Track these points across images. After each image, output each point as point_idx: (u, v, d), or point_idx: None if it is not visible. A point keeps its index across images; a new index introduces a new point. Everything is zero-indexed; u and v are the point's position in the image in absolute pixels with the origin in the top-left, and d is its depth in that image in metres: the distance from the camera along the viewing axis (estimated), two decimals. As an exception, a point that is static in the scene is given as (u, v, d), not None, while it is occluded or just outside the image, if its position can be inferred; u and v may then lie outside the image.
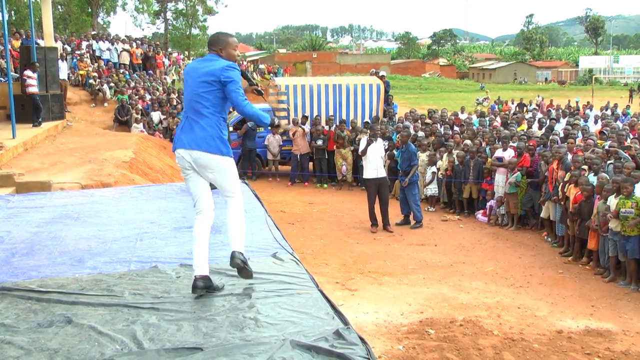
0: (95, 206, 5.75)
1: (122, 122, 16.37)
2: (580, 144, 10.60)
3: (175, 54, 29.91)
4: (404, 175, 10.58)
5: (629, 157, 8.40)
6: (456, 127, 13.89)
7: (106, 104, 18.10)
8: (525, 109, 22.75)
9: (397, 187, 11.69)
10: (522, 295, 7.20)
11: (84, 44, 21.44)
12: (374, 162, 10.03)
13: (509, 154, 10.60)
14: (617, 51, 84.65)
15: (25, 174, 8.42)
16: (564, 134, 11.59)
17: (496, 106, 25.30)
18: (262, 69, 33.06)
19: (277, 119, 3.70)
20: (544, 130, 13.17)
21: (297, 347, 2.72)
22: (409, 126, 13.63)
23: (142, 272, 3.83)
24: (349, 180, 13.68)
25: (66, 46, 20.26)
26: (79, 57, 19.93)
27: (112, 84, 18.95)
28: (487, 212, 10.77)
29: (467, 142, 11.84)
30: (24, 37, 16.98)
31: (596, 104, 25.82)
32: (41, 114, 12.20)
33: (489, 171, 10.94)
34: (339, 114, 14.86)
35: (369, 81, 15.68)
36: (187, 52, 37.39)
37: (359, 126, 14.16)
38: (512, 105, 25.58)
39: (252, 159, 14.38)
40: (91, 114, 17.20)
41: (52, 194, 6.57)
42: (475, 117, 17.15)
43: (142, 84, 19.87)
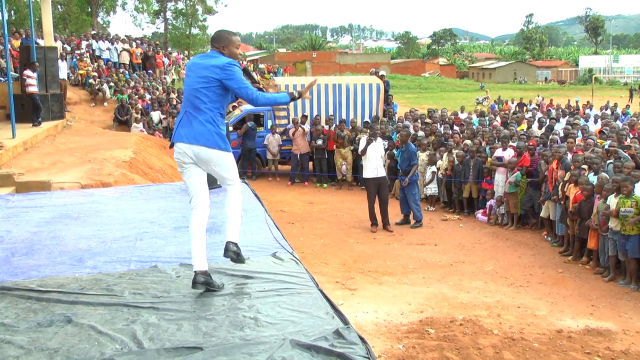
0: (95, 206, 5.74)
1: (122, 121, 16.34)
2: (580, 144, 10.61)
3: (175, 54, 29.90)
4: (404, 174, 10.59)
5: (629, 157, 8.40)
6: (456, 127, 13.89)
7: (106, 104, 18.07)
8: (525, 108, 22.75)
9: (397, 186, 11.69)
10: (522, 294, 7.21)
11: (84, 43, 21.41)
12: (373, 161, 10.03)
13: (509, 154, 10.61)
14: (617, 51, 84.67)
15: (25, 173, 8.42)
16: (563, 134, 11.60)
17: (496, 106, 25.28)
18: (262, 68, 33.05)
19: (296, 92, 3.69)
20: (543, 129, 13.17)
21: (297, 347, 2.71)
22: (408, 126, 13.62)
23: (142, 272, 3.83)
24: (348, 179, 13.68)
25: (66, 46, 20.24)
26: (78, 57, 19.89)
27: (111, 84, 18.92)
28: (487, 212, 10.78)
29: (467, 141, 11.85)
30: (24, 36, 16.98)
31: (596, 103, 25.82)
32: (41, 114, 12.19)
33: (488, 171, 10.94)
34: (338, 114, 14.87)
35: (369, 81, 15.68)
36: (186, 52, 37.34)
37: (358, 126, 14.16)
38: (512, 104, 25.56)
39: (252, 159, 14.38)
40: (91, 114, 17.18)
41: (51, 194, 6.56)
42: (475, 116, 17.13)
43: (141, 83, 19.84)
